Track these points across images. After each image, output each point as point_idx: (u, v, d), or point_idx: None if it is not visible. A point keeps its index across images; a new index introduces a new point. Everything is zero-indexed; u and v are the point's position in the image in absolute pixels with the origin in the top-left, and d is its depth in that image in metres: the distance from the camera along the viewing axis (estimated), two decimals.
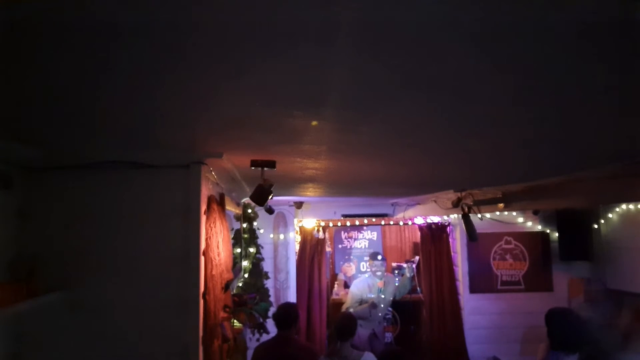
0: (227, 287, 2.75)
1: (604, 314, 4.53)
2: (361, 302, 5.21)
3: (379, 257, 5.41)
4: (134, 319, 2.14)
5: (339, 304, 5.94)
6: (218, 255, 2.52)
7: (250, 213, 4.69)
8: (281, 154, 2.19)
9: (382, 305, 5.28)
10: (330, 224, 5.71)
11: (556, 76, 1.11)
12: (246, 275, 4.57)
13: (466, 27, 0.84)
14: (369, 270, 5.64)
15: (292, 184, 3.55)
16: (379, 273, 5.31)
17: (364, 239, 7.19)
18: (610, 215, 4.88)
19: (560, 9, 0.77)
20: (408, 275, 5.47)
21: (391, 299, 5.40)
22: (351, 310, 5.18)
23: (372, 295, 5.24)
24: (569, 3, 0.75)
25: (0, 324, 1.94)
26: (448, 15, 0.79)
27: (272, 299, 5.14)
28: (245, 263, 4.53)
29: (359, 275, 6.19)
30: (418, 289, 5.82)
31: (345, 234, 6.89)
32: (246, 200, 4.36)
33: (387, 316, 6.15)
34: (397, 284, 5.47)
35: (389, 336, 6.11)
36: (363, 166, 2.70)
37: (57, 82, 1.18)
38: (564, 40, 0.90)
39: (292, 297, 5.44)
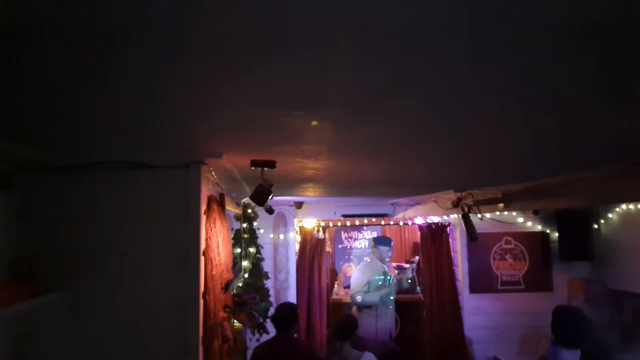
0: (227, 287, 2.75)
1: (604, 314, 4.54)
2: (368, 287, 4.88)
3: (392, 244, 5.23)
4: (134, 319, 2.14)
5: (339, 304, 5.94)
6: (218, 255, 2.52)
7: (250, 213, 4.69)
8: (281, 154, 2.19)
9: (390, 289, 5.03)
10: (330, 224, 5.71)
11: (555, 76, 1.11)
12: (246, 275, 4.57)
13: (465, 28, 0.84)
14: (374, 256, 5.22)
15: (292, 184, 3.55)
16: (387, 259, 5.12)
17: (364, 239, 7.21)
18: (610, 215, 4.87)
19: (558, 8, 0.77)
20: (409, 275, 5.45)
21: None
22: (359, 297, 4.79)
23: (380, 277, 4.96)
24: (566, 2, 0.75)
25: (0, 324, 1.94)
26: (447, 16, 0.79)
27: (272, 299, 5.13)
28: (245, 263, 4.53)
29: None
30: (418, 288, 5.82)
31: (345, 234, 6.89)
32: (246, 200, 4.36)
33: None
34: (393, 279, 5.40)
35: None
36: (363, 166, 2.70)
37: (57, 82, 1.18)
38: (562, 39, 0.90)
39: (292, 297, 5.44)
